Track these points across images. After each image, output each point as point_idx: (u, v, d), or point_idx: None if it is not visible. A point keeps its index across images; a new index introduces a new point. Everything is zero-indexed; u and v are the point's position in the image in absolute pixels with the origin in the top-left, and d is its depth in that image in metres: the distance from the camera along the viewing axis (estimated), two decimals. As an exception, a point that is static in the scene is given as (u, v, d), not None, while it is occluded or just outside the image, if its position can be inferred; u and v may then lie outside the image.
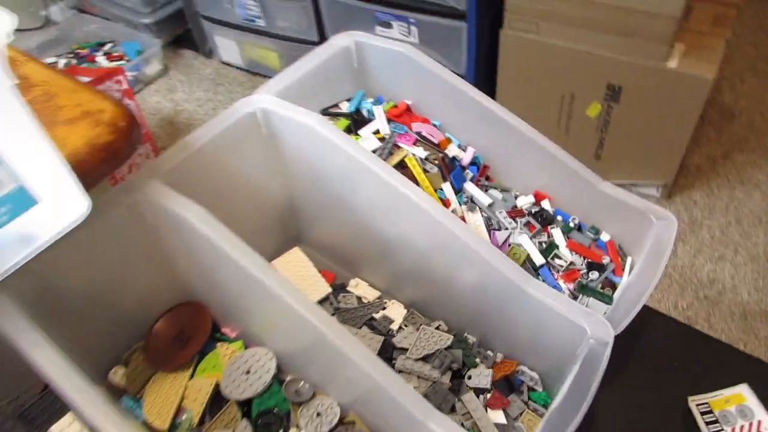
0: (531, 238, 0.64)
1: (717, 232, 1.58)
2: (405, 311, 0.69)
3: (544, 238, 0.65)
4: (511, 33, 1.57)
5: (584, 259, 0.63)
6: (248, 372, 0.59)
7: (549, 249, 0.63)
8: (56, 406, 0.55)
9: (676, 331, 0.68)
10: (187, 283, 0.65)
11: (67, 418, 0.51)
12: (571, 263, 0.63)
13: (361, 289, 0.73)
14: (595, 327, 0.51)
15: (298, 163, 0.69)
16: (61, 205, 0.44)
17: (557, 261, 0.63)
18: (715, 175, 1.71)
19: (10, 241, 0.42)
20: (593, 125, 1.63)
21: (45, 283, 0.52)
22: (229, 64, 2.14)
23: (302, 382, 0.59)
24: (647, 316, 0.70)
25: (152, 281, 0.64)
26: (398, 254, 0.67)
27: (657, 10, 1.36)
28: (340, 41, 0.74)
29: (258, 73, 2.10)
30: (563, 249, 0.63)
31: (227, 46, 2.06)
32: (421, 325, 0.66)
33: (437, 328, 0.66)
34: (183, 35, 2.18)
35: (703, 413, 0.61)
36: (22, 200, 0.41)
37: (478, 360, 0.63)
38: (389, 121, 0.73)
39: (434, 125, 0.74)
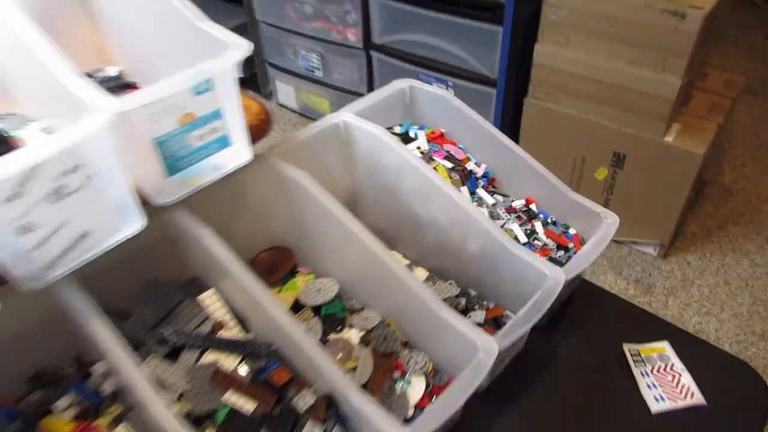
0: (519, 226, 0.98)
1: (706, 290, 1.88)
2: (427, 273, 1.02)
3: (529, 227, 0.99)
4: (533, 101, 1.95)
5: (555, 243, 0.97)
6: (318, 291, 0.93)
7: (531, 234, 0.97)
8: (197, 290, 0.88)
9: (621, 304, 1.01)
10: (281, 232, 1.01)
11: (210, 292, 0.85)
12: (545, 244, 0.96)
13: (396, 258, 1.07)
14: (552, 272, 0.85)
15: (362, 161, 1.05)
16: (240, 151, 0.80)
17: (536, 242, 0.97)
18: (709, 242, 2.03)
19: (211, 166, 0.78)
20: (600, 187, 1.97)
21: (196, 208, 0.87)
22: (284, 106, 2.58)
23: (355, 300, 0.92)
24: (600, 294, 1.03)
25: (257, 226, 0.99)
26: (426, 232, 1.01)
27: (656, 92, 1.73)
28: (398, 84, 1.12)
29: (310, 117, 2.52)
30: (541, 235, 0.97)
31: (285, 91, 2.50)
32: (438, 282, 0.99)
33: (449, 284, 0.99)
34: (248, 77, 2.63)
35: (633, 356, 0.92)
36: (224, 142, 0.77)
37: (476, 307, 0.96)
38: (428, 141, 1.10)
39: (459, 147, 1.10)
